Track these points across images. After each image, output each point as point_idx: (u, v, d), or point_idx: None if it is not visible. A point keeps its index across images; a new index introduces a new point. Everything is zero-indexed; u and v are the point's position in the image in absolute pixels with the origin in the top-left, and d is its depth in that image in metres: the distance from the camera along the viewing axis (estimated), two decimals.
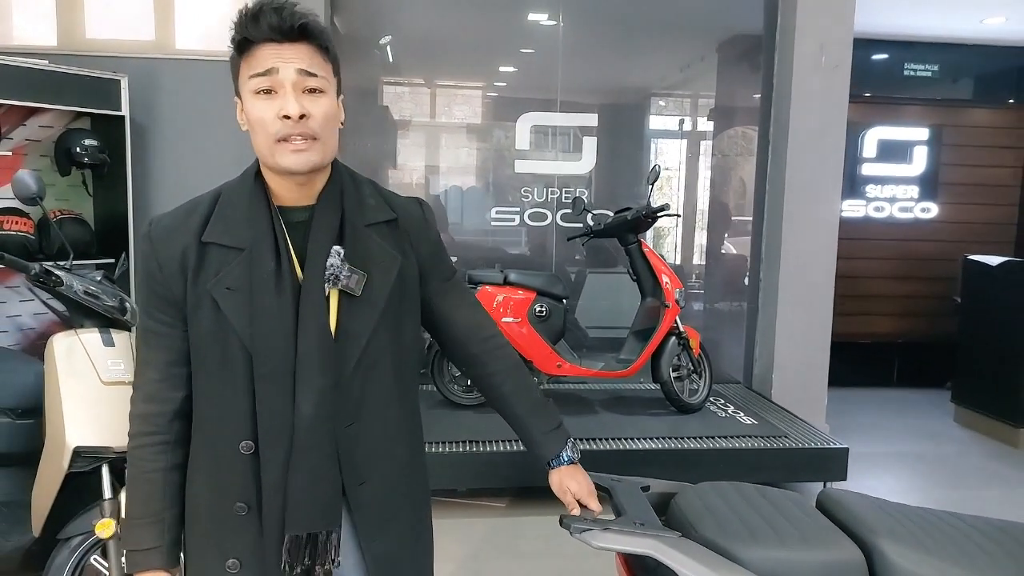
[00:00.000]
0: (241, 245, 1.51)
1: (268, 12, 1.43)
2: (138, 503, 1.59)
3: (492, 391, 1.81)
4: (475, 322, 1.79)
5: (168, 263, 1.52)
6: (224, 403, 1.53)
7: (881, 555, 1.68)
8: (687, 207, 6.78)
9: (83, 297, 2.83)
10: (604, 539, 1.67)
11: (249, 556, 1.55)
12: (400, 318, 1.62)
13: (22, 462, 3.12)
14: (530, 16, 6.21)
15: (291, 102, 1.44)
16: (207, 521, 1.58)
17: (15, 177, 2.88)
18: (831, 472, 4.55)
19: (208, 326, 1.51)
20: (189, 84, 5.61)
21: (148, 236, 1.56)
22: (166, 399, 1.57)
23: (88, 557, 2.78)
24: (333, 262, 1.51)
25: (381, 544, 1.62)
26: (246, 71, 1.47)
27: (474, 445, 4.35)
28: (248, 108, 1.49)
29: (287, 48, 1.45)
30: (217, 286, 1.49)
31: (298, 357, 1.49)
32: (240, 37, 1.46)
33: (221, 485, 1.55)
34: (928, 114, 7.66)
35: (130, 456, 1.60)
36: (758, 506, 1.87)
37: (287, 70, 1.45)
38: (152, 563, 1.57)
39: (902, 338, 7.84)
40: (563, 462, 1.79)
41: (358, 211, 1.59)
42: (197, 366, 1.56)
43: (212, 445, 1.56)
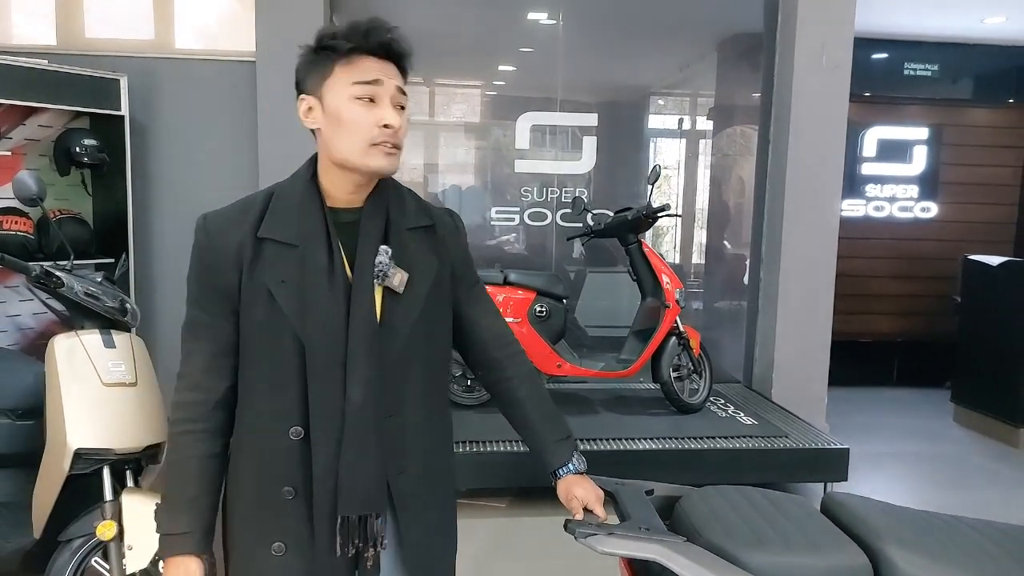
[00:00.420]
0: (295, 241, 1.60)
1: (380, 30, 1.58)
2: (175, 488, 1.65)
3: (507, 395, 1.88)
4: (497, 329, 1.88)
5: (224, 256, 1.60)
6: (275, 391, 1.60)
7: (887, 560, 1.68)
8: (687, 206, 6.78)
9: (84, 298, 2.82)
10: (609, 544, 1.67)
11: (294, 539, 1.62)
12: (435, 317, 1.72)
13: (22, 463, 3.10)
14: (530, 15, 6.21)
15: (392, 114, 1.58)
16: (252, 506, 1.65)
17: (16, 178, 2.87)
18: (832, 472, 4.54)
19: (262, 317, 1.59)
20: (188, 84, 5.60)
21: (204, 229, 1.64)
22: (210, 388, 1.64)
23: (89, 559, 2.77)
24: (382, 260, 1.61)
25: (417, 532, 1.71)
26: (347, 76, 1.58)
27: (475, 445, 4.34)
28: (341, 110, 1.58)
29: (387, 66, 1.61)
30: (272, 279, 1.58)
31: (348, 348, 1.58)
32: (349, 46, 1.57)
33: (268, 470, 1.62)
34: (928, 113, 7.67)
35: (171, 442, 1.67)
36: (763, 510, 1.87)
37: (389, 85, 1.60)
38: (185, 548, 1.63)
39: (902, 338, 7.85)
40: (570, 471, 1.82)
41: (401, 215, 1.70)
42: (247, 356, 1.63)
43: (260, 432, 1.63)
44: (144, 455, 2.85)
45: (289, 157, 5.61)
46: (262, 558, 1.64)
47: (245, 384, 1.65)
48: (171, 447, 1.67)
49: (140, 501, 2.77)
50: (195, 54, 5.66)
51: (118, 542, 2.69)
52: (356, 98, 1.58)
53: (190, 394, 1.65)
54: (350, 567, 1.65)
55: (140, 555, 2.68)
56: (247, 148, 5.49)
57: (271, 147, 5.28)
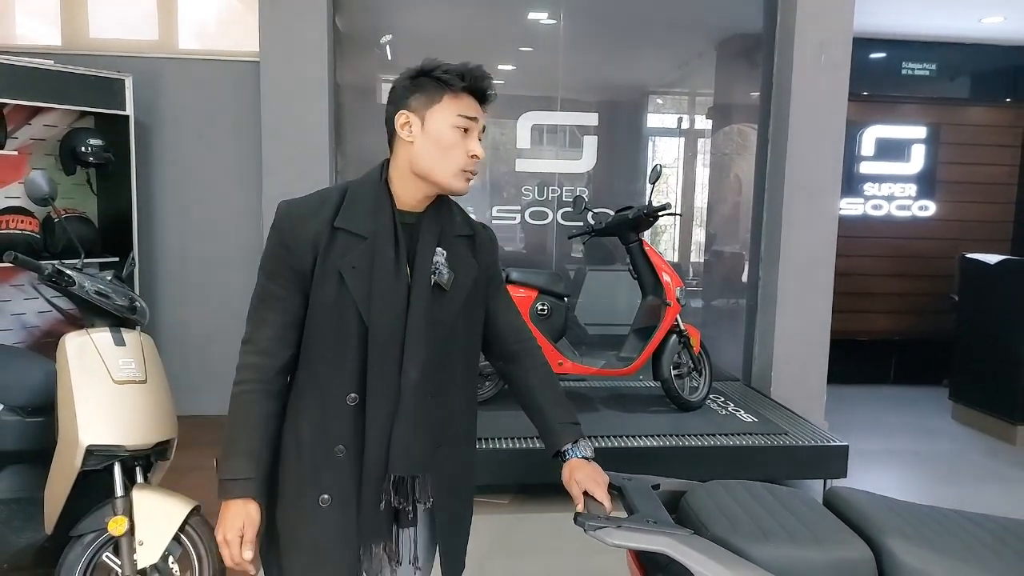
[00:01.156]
0: (366, 233, 1.81)
1: (485, 77, 1.84)
2: (240, 440, 1.81)
3: (520, 382, 2.06)
4: (516, 324, 2.10)
5: (302, 240, 1.79)
6: (337, 361, 1.81)
7: (890, 553, 1.71)
8: (686, 205, 6.81)
9: (94, 297, 2.85)
10: (618, 536, 1.69)
11: (340, 493, 1.82)
12: (472, 314, 1.96)
13: (33, 460, 3.13)
14: (530, 15, 6.23)
15: (480, 148, 1.86)
16: (307, 460, 1.84)
17: (28, 178, 2.90)
18: (831, 469, 4.57)
19: (331, 297, 1.79)
20: (192, 83, 5.63)
21: (288, 216, 1.83)
22: (277, 355, 1.84)
23: (100, 554, 2.79)
24: (438, 260, 1.85)
25: (446, 498, 1.93)
26: (453, 108, 1.81)
27: (479, 442, 4.33)
28: (443, 134, 1.81)
29: (478, 106, 1.85)
30: (345, 264, 1.78)
31: (407, 332, 1.80)
32: (462, 84, 1.81)
33: (324, 429, 1.83)
34: (926, 112, 7.69)
35: (236, 400, 1.83)
36: (767, 504, 1.90)
37: (480, 123, 1.86)
38: (247, 492, 1.78)
39: (900, 336, 7.88)
40: (575, 455, 1.93)
41: (451, 224, 1.94)
42: (314, 329, 1.83)
43: (320, 395, 1.83)
44: (154, 451, 2.89)
45: (291, 156, 5.68)
46: (310, 507, 1.83)
47: (309, 353, 1.84)
48: (236, 404, 1.83)
49: (151, 497, 2.80)
50: (199, 54, 5.69)
51: (129, 537, 2.73)
52: (455, 127, 1.81)
53: (258, 358, 1.83)
54: (389, 520, 1.86)
55: (151, 550, 2.72)
56: (251, 147, 5.51)
57: (274, 146, 5.30)
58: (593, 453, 1.95)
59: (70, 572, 2.74)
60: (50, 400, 2.94)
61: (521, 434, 4.41)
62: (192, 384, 5.17)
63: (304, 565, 1.86)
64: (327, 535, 1.84)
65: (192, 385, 5.14)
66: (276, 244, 1.83)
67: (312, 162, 5.33)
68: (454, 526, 1.99)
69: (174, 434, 2.96)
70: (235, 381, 1.85)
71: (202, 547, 2.83)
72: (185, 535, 2.80)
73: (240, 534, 1.77)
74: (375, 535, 1.84)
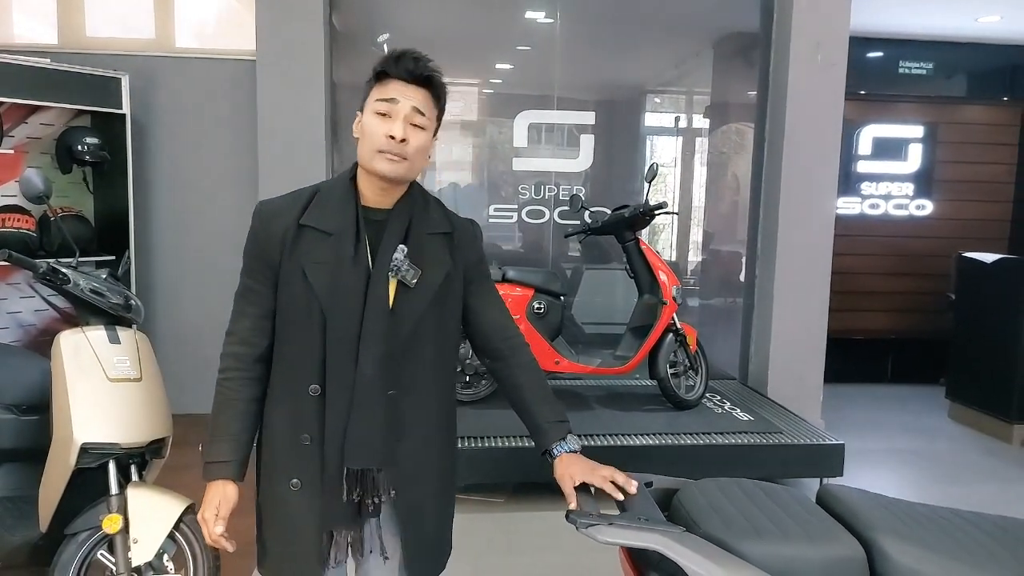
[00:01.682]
0: (330, 230, 1.87)
1: (409, 58, 1.84)
2: (221, 425, 1.93)
3: (507, 380, 2.09)
4: (501, 322, 2.11)
5: (272, 237, 1.88)
6: (302, 353, 1.88)
7: (881, 551, 1.71)
8: (683, 204, 6.80)
9: (89, 295, 2.85)
10: (609, 533, 1.69)
11: (308, 478, 1.89)
12: (443, 311, 1.96)
13: (27, 458, 3.13)
14: (527, 14, 6.23)
15: (398, 127, 1.83)
16: (279, 446, 1.94)
17: (23, 176, 2.90)
18: (827, 468, 4.57)
19: (297, 291, 1.87)
20: (189, 82, 5.63)
21: (259, 215, 1.93)
22: (254, 344, 1.94)
23: (95, 552, 2.79)
24: (397, 256, 1.87)
25: (412, 493, 1.96)
26: (375, 94, 1.86)
27: (473, 441, 4.37)
28: (366, 121, 1.86)
29: (411, 89, 1.85)
30: (308, 260, 1.85)
31: (363, 326, 1.84)
32: (380, 69, 1.85)
33: (293, 418, 1.91)
34: (923, 111, 7.70)
35: (219, 387, 1.95)
36: (760, 502, 1.90)
37: (405, 104, 1.84)
38: (225, 473, 1.91)
39: (897, 335, 7.89)
40: (564, 451, 1.96)
41: (423, 221, 1.96)
42: (283, 322, 1.91)
43: (288, 385, 1.91)
44: (149, 449, 2.89)
45: (288, 155, 5.67)
46: (283, 491, 1.92)
47: (280, 344, 1.93)
48: (219, 391, 1.95)
49: (145, 495, 2.81)
50: (195, 53, 5.69)
51: (123, 535, 2.73)
52: (376, 112, 1.84)
53: (238, 347, 1.95)
54: (354, 510, 1.91)
55: (145, 548, 2.72)
56: (247, 146, 5.51)
57: (271, 145, 5.30)
58: (580, 447, 1.98)
59: (65, 570, 2.74)
60: (45, 398, 2.94)
61: (516, 433, 4.41)
62: (187, 382, 5.15)
63: (279, 543, 1.96)
64: (297, 517, 1.92)
65: (187, 383, 5.13)
66: (251, 241, 1.94)
67: (309, 161, 5.32)
68: (418, 520, 1.99)
69: (169, 432, 2.96)
70: (219, 370, 1.96)
71: (197, 545, 2.83)
72: (180, 533, 2.81)
73: (216, 512, 1.89)
74: (339, 522, 1.91)
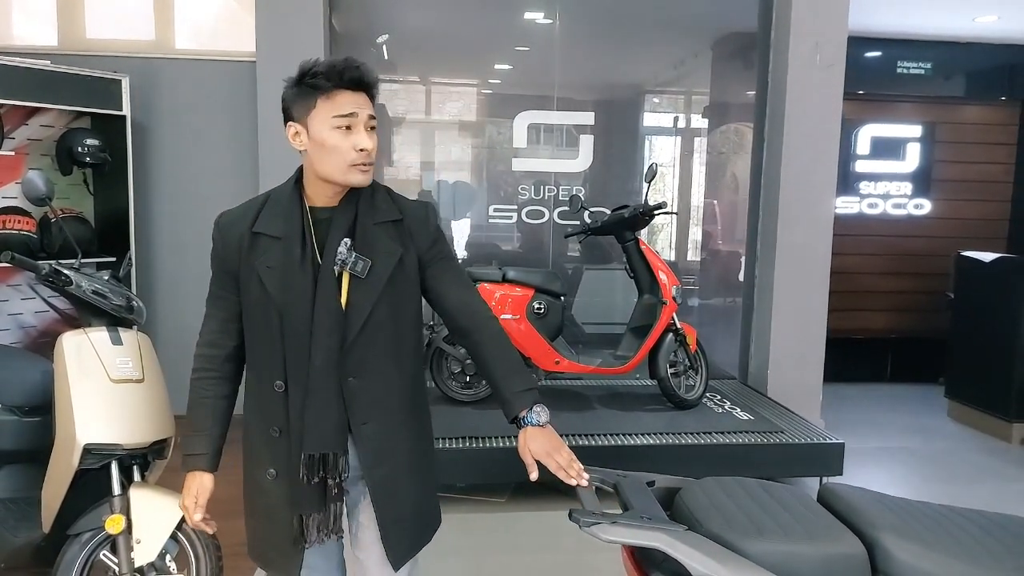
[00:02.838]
0: (279, 235, 1.96)
1: (351, 68, 1.89)
2: (195, 421, 2.10)
3: (477, 357, 2.12)
4: (463, 299, 2.13)
5: (229, 246, 2.01)
6: (264, 352, 2.00)
7: (882, 548, 1.72)
8: (682, 204, 6.81)
9: (92, 296, 2.85)
10: (612, 532, 1.70)
11: (281, 467, 2.01)
12: (399, 298, 2.02)
13: (30, 459, 3.14)
14: (526, 14, 6.24)
15: (366, 140, 1.92)
16: (254, 439, 2.07)
17: (25, 178, 2.91)
18: (827, 467, 4.58)
19: (255, 295, 1.98)
20: (189, 84, 5.63)
21: (218, 225, 2.05)
22: (221, 345, 2.09)
23: (98, 553, 2.79)
24: (341, 250, 1.95)
25: (380, 471, 2.03)
26: (328, 110, 1.90)
27: (473, 441, 4.37)
28: (324, 137, 1.91)
29: (360, 96, 1.92)
30: (261, 264, 1.96)
31: (314, 321, 1.93)
32: (329, 84, 1.88)
33: (263, 413, 2.02)
34: (921, 111, 7.71)
35: (192, 386, 2.11)
36: (761, 500, 1.91)
37: (363, 114, 1.92)
38: (200, 465, 2.08)
39: (896, 334, 7.90)
40: (530, 423, 2.01)
41: (370, 212, 2.02)
42: (247, 324, 2.04)
43: (257, 383, 2.04)
44: (151, 450, 2.89)
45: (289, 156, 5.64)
46: (262, 480, 2.04)
47: (249, 344, 2.06)
48: (192, 390, 2.10)
49: (148, 495, 2.81)
50: (195, 54, 5.69)
51: (126, 536, 2.73)
52: (335, 128, 1.90)
53: (207, 349, 2.10)
54: (321, 492, 2.00)
55: (148, 548, 2.73)
56: (247, 148, 5.52)
57: (271, 146, 5.30)
58: (548, 418, 2.02)
59: (67, 571, 2.74)
60: (47, 399, 2.95)
61: (516, 433, 4.40)
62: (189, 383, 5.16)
63: (260, 528, 2.11)
64: (275, 504, 2.04)
65: (189, 384, 5.14)
66: (213, 251, 2.06)
67: None
68: (389, 498, 2.05)
69: (171, 433, 2.97)
70: (192, 370, 2.12)
71: (199, 545, 2.84)
72: (182, 533, 2.80)
73: (195, 500, 2.06)
74: (307, 507, 2.00)
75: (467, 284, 2.17)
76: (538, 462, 1.96)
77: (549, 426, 2.02)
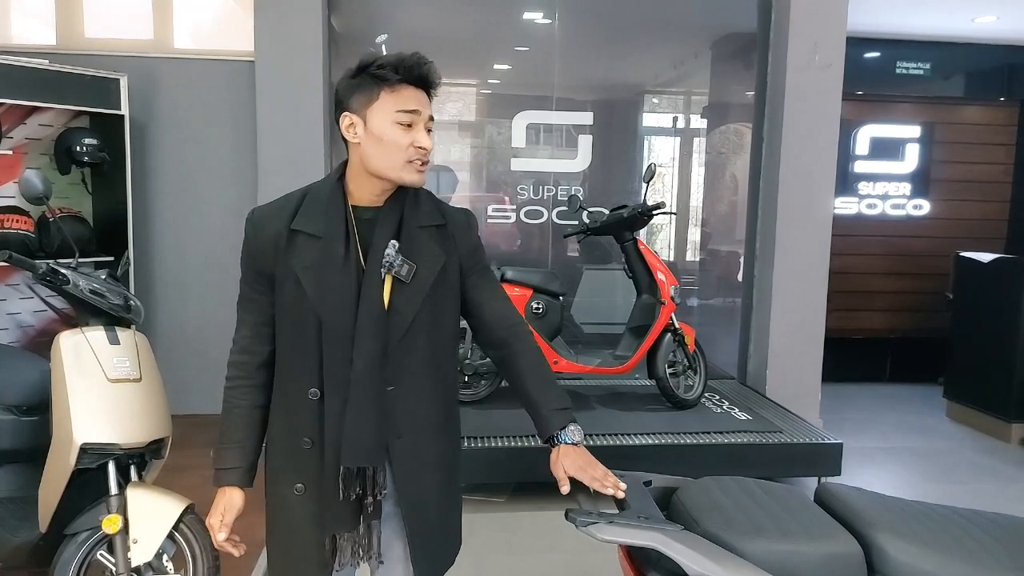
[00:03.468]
0: (319, 233, 1.86)
1: (421, 64, 1.83)
2: (227, 432, 1.97)
3: (510, 369, 2.04)
4: (502, 311, 2.07)
5: (264, 244, 1.89)
6: (298, 357, 1.89)
7: (879, 548, 1.72)
8: (681, 204, 6.82)
9: (89, 296, 2.85)
10: (609, 532, 1.69)
11: (311, 482, 1.90)
12: (440, 305, 1.94)
13: (27, 458, 3.14)
14: (525, 15, 6.24)
15: (425, 138, 1.85)
16: (282, 452, 1.95)
17: (23, 177, 2.90)
18: (825, 467, 4.58)
19: (290, 296, 1.87)
20: (188, 83, 5.63)
21: (251, 222, 1.93)
22: (255, 351, 1.96)
23: (95, 552, 2.79)
24: (389, 252, 1.85)
25: (412, 487, 1.95)
26: (391, 104, 1.82)
27: (475, 441, 4.37)
28: (384, 131, 1.83)
29: (422, 95, 1.86)
30: (299, 264, 1.85)
31: (356, 325, 1.84)
32: (396, 77, 1.81)
33: (293, 423, 1.91)
34: (920, 111, 7.71)
35: (225, 395, 1.98)
36: (758, 500, 1.91)
37: (425, 114, 1.86)
38: (232, 480, 1.95)
39: (895, 334, 7.89)
40: (563, 442, 1.93)
41: (414, 215, 1.94)
42: (280, 328, 1.92)
43: (288, 391, 1.92)
44: (148, 450, 2.89)
45: (287, 156, 5.67)
46: (288, 495, 1.93)
47: (279, 351, 1.94)
48: (225, 399, 1.98)
49: (145, 495, 2.81)
50: (194, 54, 5.69)
51: (123, 536, 2.73)
52: (397, 123, 1.82)
53: (239, 356, 1.97)
54: (355, 510, 1.90)
55: (145, 548, 2.73)
56: (246, 147, 5.52)
57: (270, 146, 5.31)
58: (582, 438, 1.95)
59: (64, 570, 2.74)
60: (45, 399, 2.94)
61: (516, 433, 4.42)
62: (187, 383, 5.17)
63: (282, 548, 1.98)
64: (300, 521, 1.93)
65: (187, 384, 5.14)
66: (245, 249, 1.94)
67: (308, 162, 5.33)
68: (421, 516, 1.97)
69: (168, 433, 2.97)
70: (225, 378, 1.98)
71: (196, 545, 2.84)
72: (179, 533, 2.81)
73: (221, 518, 1.94)
74: (339, 525, 1.90)
75: (504, 296, 2.11)
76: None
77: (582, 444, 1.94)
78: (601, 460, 1.92)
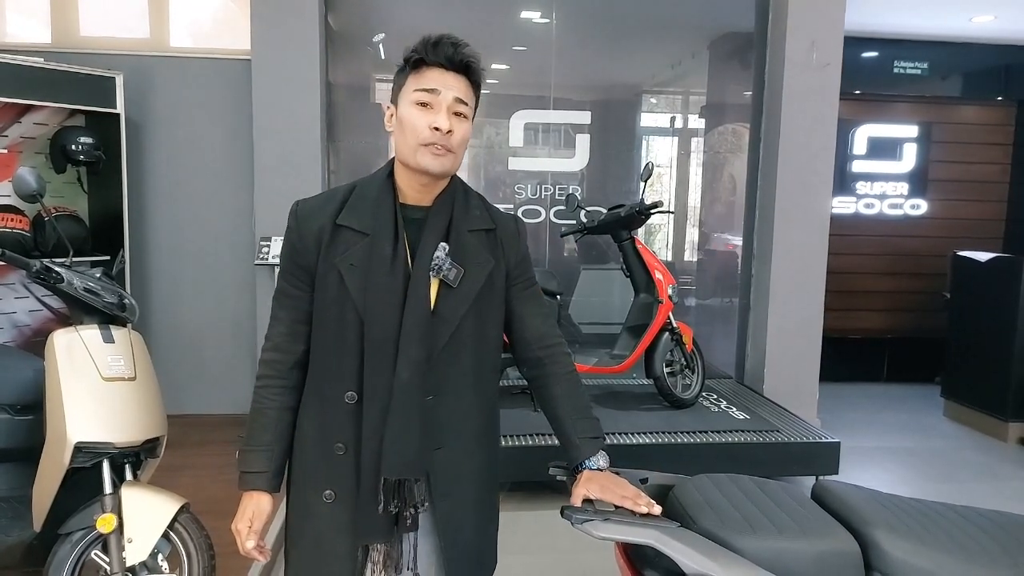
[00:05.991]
0: (367, 230, 1.78)
1: (447, 44, 1.74)
2: (254, 434, 1.87)
3: (545, 390, 1.97)
4: (543, 330, 1.98)
5: (307, 238, 1.81)
6: (337, 358, 1.80)
7: (875, 545, 1.71)
8: (679, 203, 6.81)
9: (83, 294, 2.84)
10: (605, 529, 1.69)
11: (342, 489, 1.81)
12: (486, 312, 1.87)
13: (21, 458, 3.12)
14: (523, 14, 6.24)
15: (443, 119, 1.73)
16: (311, 457, 1.85)
17: (16, 175, 2.89)
18: (823, 466, 4.58)
19: (332, 293, 1.78)
20: (183, 81, 5.62)
21: (294, 214, 1.85)
22: (289, 350, 1.86)
23: (89, 552, 2.78)
24: (439, 255, 1.78)
25: (447, 505, 1.86)
26: (413, 84, 1.76)
27: None
28: (404, 113, 1.77)
29: (451, 76, 1.75)
30: (343, 261, 1.77)
31: (402, 330, 1.75)
32: (417, 57, 1.75)
33: (326, 427, 1.82)
34: (918, 111, 7.72)
35: (255, 395, 1.88)
36: (755, 497, 1.90)
37: (447, 94, 1.75)
38: (258, 484, 1.85)
39: (892, 333, 7.90)
40: (593, 467, 1.88)
41: (464, 218, 1.87)
42: (318, 326, 1.83)
43: (322, 392, 1.83)
44: (143, 449, 2.88)
45: (283, 155, 5.66)
46: (315, 502, 1.83)
47: (315, 350, 1.85)
48: (255, 399, 1.88)
49: (140, 494, 2.79)
50: (190, 52, 5.68)
51: (118, 535, 2.72)
52: (416, 103, 1.75)
53: (272, 354, 1.87)
54: (390, 521, 1.80)
55: (140, 548, 2.71)
56: (242, 146, 5.51)
57: (266, 145, 5.30)
58: (607, 464, 1.91)
59: (59, 570, 2.72)
60: (39, 398, 2.93)
61: (514, 432, 4.41)
62: (182, 382, 5.16)
63: (306, 558, 1.87)
64: (328, 530, 1.83)
65: (182, 383, 5.13)
66: (286, 242, 1.86)
67: (304, 161, 5.32)
68: (456, 531, 1.88)
69: (163, 432, 2.95)
70: (256, 376, 1.89)
71: (191, 544, 2.82)
72: (174, 532, 2.79)
73: (249, 524, 1.84)
74: (373, 536, 1.81)
75: (546, 312, 2.01)
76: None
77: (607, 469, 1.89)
78: None
